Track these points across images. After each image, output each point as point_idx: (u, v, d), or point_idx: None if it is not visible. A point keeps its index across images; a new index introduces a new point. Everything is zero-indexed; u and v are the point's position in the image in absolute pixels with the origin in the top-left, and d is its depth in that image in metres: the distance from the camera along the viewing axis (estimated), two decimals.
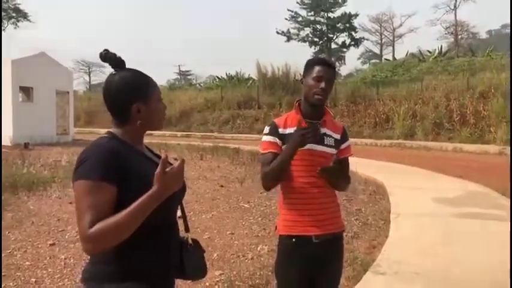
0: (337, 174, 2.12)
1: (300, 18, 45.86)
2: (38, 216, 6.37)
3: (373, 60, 52.84)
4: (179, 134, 23.06)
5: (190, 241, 1.72)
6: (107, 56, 1.63)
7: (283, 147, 2.16)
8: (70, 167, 10.78)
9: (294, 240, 2.14)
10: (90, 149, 1.56)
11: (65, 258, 4.67)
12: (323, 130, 2.19)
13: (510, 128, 13.94)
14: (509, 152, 14.00)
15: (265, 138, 2.22)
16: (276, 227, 2.27)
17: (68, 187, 8.62)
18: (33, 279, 4.09)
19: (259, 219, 6.21)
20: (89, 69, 62.99)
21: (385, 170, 10.27)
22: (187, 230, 1.76)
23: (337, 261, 2.26)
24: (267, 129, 2.25)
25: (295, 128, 2.10)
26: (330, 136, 2.21)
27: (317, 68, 2.20)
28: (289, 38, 46.85)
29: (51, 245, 5.13)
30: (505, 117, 16.24)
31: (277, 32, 46.61)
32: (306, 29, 46.47)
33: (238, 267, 4.26)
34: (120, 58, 1.65)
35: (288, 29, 46.42)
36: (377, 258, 4.47)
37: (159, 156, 1.71)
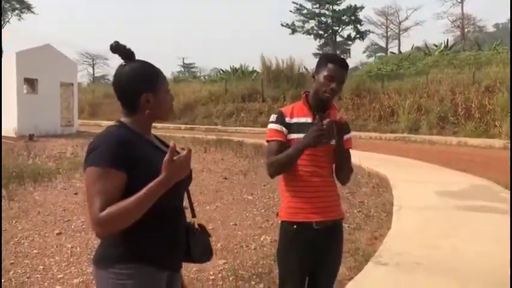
0: (332, 136, 2.12)
1: (304, 11, 45.66)
2: (44, 207, 6.46)
3: (379, 54, 52.67)
4: (183, 126, 23.13)
5: (196, 226, 1.78)
6: (117, 48, 1.68)
7: (290, 136, 2.19)
8: (75, 159, 10.90)
9: (295, 226, 2.19)
10: (100, 137, 1.62)
11: (72, 247, 4.75)
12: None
13: (510, 122, 13.86)
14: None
15: (272, 126, 2.26)
16: (278, 214, 2.32)
17: (72, 178, 8.73)
18: (41, 267, 4.17)
19: (263, 210, 6.26)
20: (92, 61, 63.10)
21: (388, 163, 10.29)
22: (193, 215, 1.82)
23: (336, 247, 2.30)
24: (273, 117, 2.28)
25: (309, 123, 2.16)
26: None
27: (330, 66, 2.22)
28: (293, 31, 46.69)
29: (57, 234, 5.21)
30: (510, 112, 16.19)
31: (282, 25, 46.47)
32: (310, 21, 46.29)
33: (241, 257, 4.32)
34: (130, 50, 1.70)
35: (293, 22, 46.28)
36: (378, 249, 4.51)
37: (166, 145, 1.77)
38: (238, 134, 17.78)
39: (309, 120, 2.22)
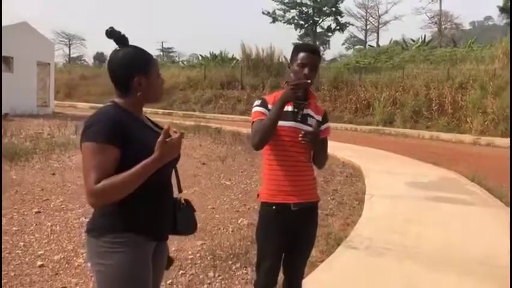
0: (317, 140, 2.30)
1: (286, 0, 45.61)
2: (22, 186, 6.48)
3: (358, 46, 53.10)
4: (160, 111, 22.96)
5: (183, 201, 1.92)
6: (112, 33, 1.80)
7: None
8: (51, 140, 10.84)
9: (274, 207, 2.35)
10: (96, 115, 1.75)
11: (51, 225, 4.82)
12: (307, 111, 2.39)
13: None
14: (484, 142, 14.52)
15: (256, 108, 2.40)
16: (258, 195, 2.47)
17: (50, 159, 8.71)
18: (22, 243, 4.24)
19: (240, 195, 6.43)
20: (69, 41, 61.78)
21: (362, 154, 10.58)
22: (180, 191, 1.97)
23: (312, 228, 2.48)
24: (258, 102, 2.42)
25: (290, 111, 2.33)
26: (313, 117, 2.40)
27: (301, 55, 2.37)
28: (274, 19, 46.60)
29: (36, 212, 5.27)
30: (481, 108, 16.71)
31: (263, 13, 46.32)
32: (292, 11, 46.21)
33: (219, 238, 4.48)
34: (124, 35, 1.82)
35: (274, 10, 46.17)
36: (350, 235, 4.74)
37: (157, 126, 1.90)
38: (216, 121, 17.85)
39: (290, 108, 2.36)
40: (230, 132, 13.45)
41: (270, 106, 2.37)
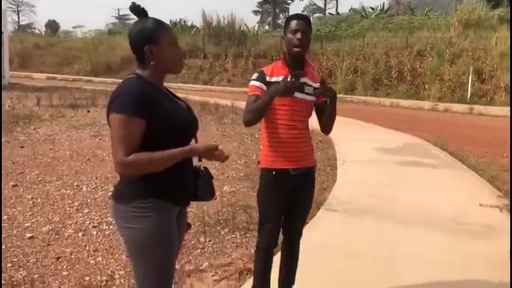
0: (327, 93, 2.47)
1: None
2: None
3: (317, 14, 53.17)
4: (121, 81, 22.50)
5: (202, 168, 2.02)
6: (133, 8, 1.88)
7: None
8: (13, 112, 10.49)
9: (274, 172, 2.48)
10: (121, 87, 1.81)
11: (32, 198, 4.79)
12: (304, 80, 2.49)
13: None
14: (442, 108, 15.12)
15: (253, 83, 2.49)
16: (258, 162, 2.59)
17: (14, 131, 8.49)
18: (6, 217, 4.22)
19: (216, 164, 6.51)
20: (17, 7, 58.79)
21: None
22: (200, 159, 2.05)
23: (310, 190, 2.63)
24: (255, 75, 2.51)
25: (282, 78, 2.39)
26: (310, 85, 2.51)
27: (293, 22, 2.48)
28: None
29: (13, 186, 5.20)
30: (438, 75, 17.31)
31: None
32: None
33: (204, 206, 4.59)
34: (143, 9, 1.89)
35: None
36: (327, 198, 4.96)
37: (176, 96, 1.98)
38: (180, 91, 17.56)
39: (288, 78, 2.46)
40: (197, 102, 13.39)
41: (267, 78, 2.46)
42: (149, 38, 1.84)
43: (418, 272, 3.28)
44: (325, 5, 55.27)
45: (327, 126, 2.62)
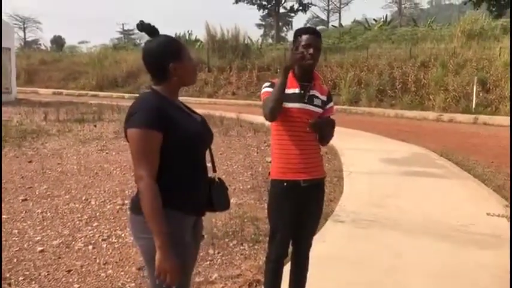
0: (323, 127, 2.49)
1: None
2: None
3: (320, 27, 53.45)
4: (126, 95, 22.61)
5: (217, 179, 2.06)
6: (144, 26, 1.93)
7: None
8: (21, 127, 10.60)
9: (285, 184, 2.51)
10: (138, 102, 1.88)
11: (42, 212, 4.84)
12: (313, 92, 2.54)
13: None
14: (446, 119, 15.14)
15: (265, 89, 2.54)
16: (269, 173, 2.63)
17: (22, 146, 8.57)
18: (16, 231, 4.27)
19: (223, 176, 6.54)
20: (23, 24, 59.47)
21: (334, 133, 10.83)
22: (214, 170, 2.10)
23: (319, 202, 2.67)
24: (266, 84, 2.57)
25: (297, 93, 2.49)
26: (318, 98, 2.56)
27: (304, 37, 2.52)
28: (237, 0, 46.31)
29: (23, 200, 5.26)
30: (443, 86, 17.35)
31: None
32: None
33: (212, 217, 4.61)
34: (154, 27, 1.95)
35: None
36: (335, 209, 4.98)
37: (189, 109, 2.04)
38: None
39: (297, 90, 2.51)
40: (202, 115, 13.45)
41: None
42: (173, 56, 1.91)
43: (426, 282, 3.30)
44: (328, 17, 55.69)
45: (323, 140, 2.65)
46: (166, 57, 1.90)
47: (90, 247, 3.92)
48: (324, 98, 2.59)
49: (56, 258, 3.68)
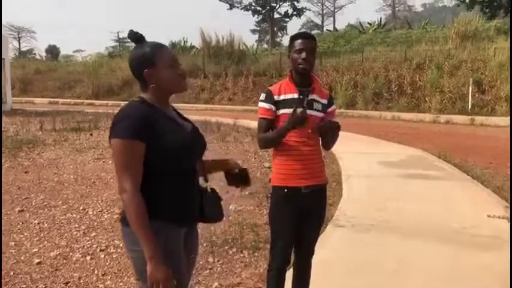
0: (327, 130, 2.47)
1: None
2: None
3: (315, 31, 53.59)
4: (122, 103, 22.36)
5: (209, 189, 2.02)
6: (131, 35, 1.92)
7: (279, 112, 2.47)
8: (17, 137, 10.53)
9: (286, 190, 2.48)
10: (122, 111, 1.83)
11: (39, 223, 4.78)
12: (312, 96, 2.51)
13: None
14: (443, 120, 15.16)
15: (262, 104, 2.51)
16: (270, 180, 2.59)
17: (18, 157, 8.51)
18: (12, 243, 4.20)
19: (221, 183, 6.50)
20: (18, 34, 59.37)
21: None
22: (206, 180, 2.05)
23: (321, 208, 2.64)
24: (263, 96, 2.53)
25: (296, 98, 2.47)
26: (318, 102, 2.53)
27: (297, 42, 2.51)
28: (231, 6, 46.43)
29: (20, 211, 5.19)
30: (438, 88, 17.39)
31: None
32: None
33: (211, 225, 4.57)
34: (140, 35, 1.93)
35: None
36: (335, 214, 4.95)
37: (183, 118, 1.99)
38: (181, 111, 17.70)
39: (295, 95, 2.49)
40: (198, 121, 13.42)
41: (276, 97, 2.48)
42: (146, 62, 1.87)
43: (428, 286, 3.26)
44: (322, 21, 55.85)
45: (327, 145, 2.63)
46: (140, 64, 1.87)
47: (88, 258, 3.87)
48: (325, 101, 2.56)
49: (53, 270, 3.62)
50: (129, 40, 1.91)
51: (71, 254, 3.97)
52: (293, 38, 2.55)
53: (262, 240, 4.08)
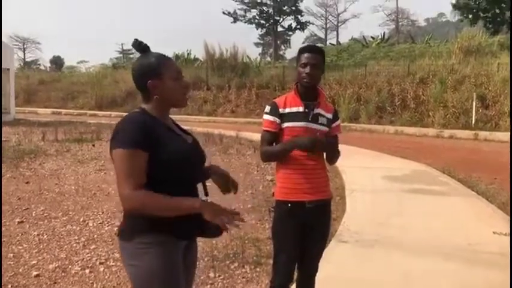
0: (328, 147, 2.43)
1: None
2: None
3: (318, 45, 53.88)
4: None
5: None
6: (135, 44, 1.91)
7: (284, 125, 2.43)
8: (19, 147, 10.51)
9: (289, 205, 2.43)
10: (123, 121, 1.82)
11: (38, 235, 4.73)
12: (317, 110, 2.48)
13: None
14: (446, 135, 15.10)
15: (266, 117, 2.48)
16: (273, 194, 2.55)
17: (20, 167, 8.47)
18: (11, 255, 4.15)
19: (226, 196, 6.45)
20: (23, 45, 59.82)
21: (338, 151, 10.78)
22: (206, 193, 2.01)
23: (325, 223, 2.59)
24: (268, 108, 2.50)
25: (301, 112, 2.46)
26: (324, 116, 2.50)
27: (303, 55, 2.48)
28: (235, 19, 46.76)
29: (19, 222, 5.14)
30: (442, 102, 17.35)
31: (224, 13, 46.37)
32: (252, 10, 46.53)
33: (212, 239, 4.50)
34: (145, 45, 1.91)
35: (235, 10, 46.31)
36: (338, 229, 4.88)
37: (182, 130, 1.96)
38: (184, 123, 17.42)
39: (301, 109, 2.45)
40: (202, 133, 13.41)
41: (281, 110, 2.45)
42: (152, 73, 1.86)
43: None
44: (325, 35, 56.14)
45: (331, 160, 2.62)
46: (145, 74, 1.86)
47: (87, 271, 3.81)
48: (330, 116, 2.53)
49: (51, 283, 3.56)
50: (133, 52, 1.92)
51: (70, 266, 3.91)
52: (300, 51, 2.53)
53: (264, 255, 4.02)
